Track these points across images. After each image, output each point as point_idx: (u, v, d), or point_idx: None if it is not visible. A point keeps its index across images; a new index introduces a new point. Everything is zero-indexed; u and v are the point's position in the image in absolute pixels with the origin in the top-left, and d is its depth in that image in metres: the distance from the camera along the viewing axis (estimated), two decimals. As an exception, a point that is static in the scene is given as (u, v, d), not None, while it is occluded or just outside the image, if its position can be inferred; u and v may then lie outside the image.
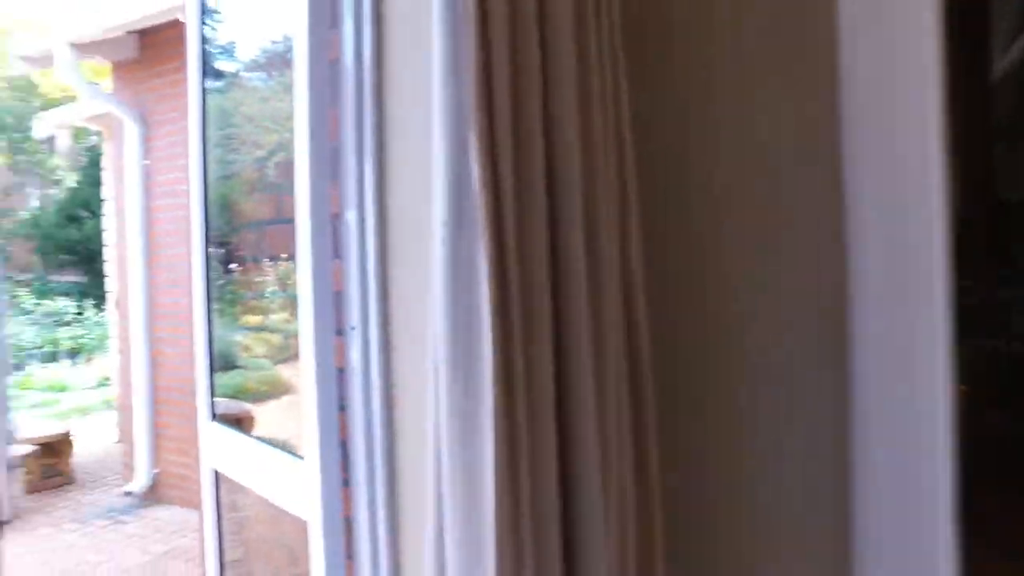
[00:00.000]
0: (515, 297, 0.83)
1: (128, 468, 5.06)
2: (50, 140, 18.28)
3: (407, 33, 1.10)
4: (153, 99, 4.86)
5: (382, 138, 1.12)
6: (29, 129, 17.35)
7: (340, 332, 1.15)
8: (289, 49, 2.05)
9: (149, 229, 4.84)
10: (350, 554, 1.19)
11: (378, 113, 1.13)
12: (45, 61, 5.09)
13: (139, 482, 4.85)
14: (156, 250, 4.82)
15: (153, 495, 4.91)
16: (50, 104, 16.35)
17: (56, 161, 18.22)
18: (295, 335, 2.15)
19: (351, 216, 1.13)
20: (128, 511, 4.73)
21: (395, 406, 1.12)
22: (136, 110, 4.87)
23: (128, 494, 4.90)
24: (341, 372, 1.15)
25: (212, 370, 1.66)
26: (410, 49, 1.09)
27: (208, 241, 1.69)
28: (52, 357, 10.64)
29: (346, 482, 1.16)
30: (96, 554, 3.99)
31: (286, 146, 2.11)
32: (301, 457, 1.20)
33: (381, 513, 1.14)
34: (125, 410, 5.12)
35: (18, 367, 9.96)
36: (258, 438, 1.41)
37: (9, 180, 17.96)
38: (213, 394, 1.66)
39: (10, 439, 2.95)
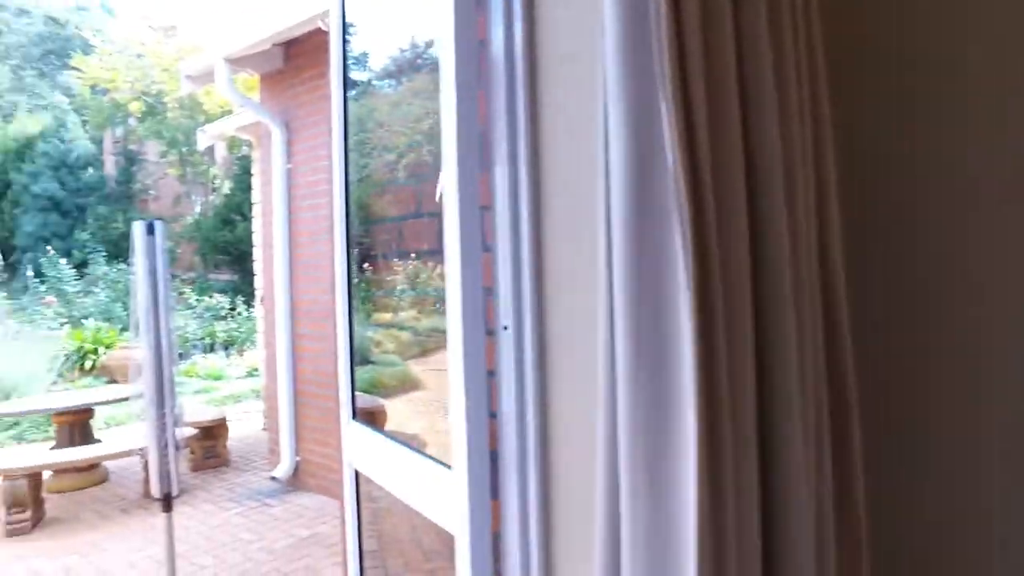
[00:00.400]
0: (718, 292, 0.69)
1: (274, 455, 5.39)
2: (210, 152, 20.20)
3: (564, 8, 1.00)
4: (295, 106, 5.13)
5: (536, 123, 1.02)
6: (194, 143, 19.29)
7: (490, 332, 1.06)
8: (417, 56, 2.01)
9: (291, 229, 5.11)
10: (499, 571, 1.10)
11: (531, 96, 1.03)
12: (206, 78, 5.52)
13: (283, 469, 5.14)
14: (297, 249, 5.09)
15: (295, 482, 5.19)
16: (211, 119, 18.05)
17: (214, 171, 20.10)
18: (424, 332, 2.13)
19: (503, 206, 1.04)
20: (274, 495, 5.03)
21: (550, 414, 1.02)
22: (281, 117, 5.16)
23: (274, 479, 5.21)
24: (491, 375, 1.06)
25: (353, 372, 1.65)
26: (568, 26, 0.98)
27: (349, 244, 1.68)
28: (210, 348, 11.68)
29: (495, 494, 1.08)
30: (248, 533, 4.26)
31: (415, 148, 2.10)
32: (447, 465, 1.14)
33: (534, 529, 1.04)
34: (271, 400, 5.46)
35: (184, 356, 11.05)
36: (402, 441, 1.36)
37: (179, 190, 20.06)
38: (354, 395, 1.65)
39: (179, 422, 3.18)
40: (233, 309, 12.38)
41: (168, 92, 18.53)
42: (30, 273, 13.22)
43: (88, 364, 9.86)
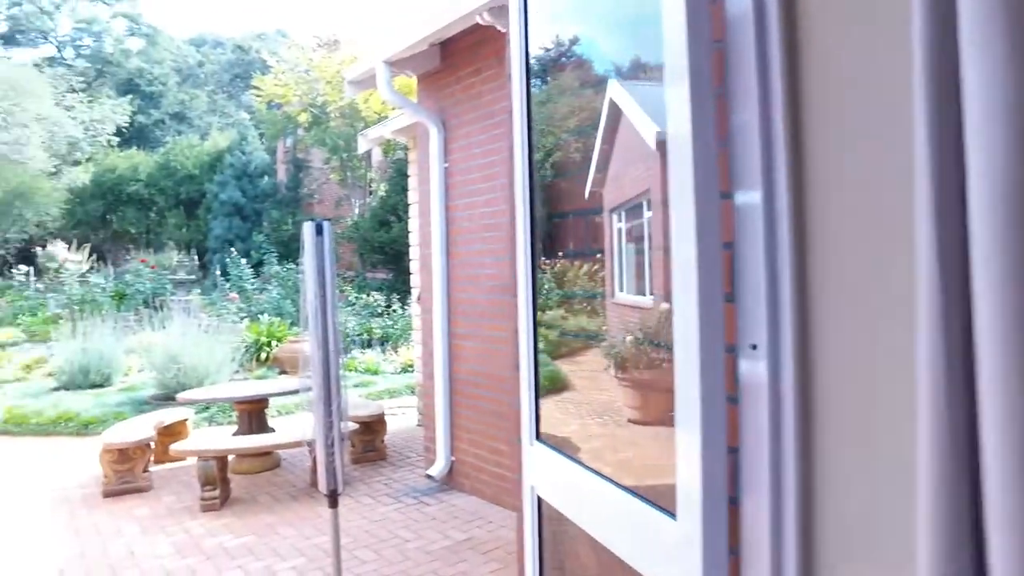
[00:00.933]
0: None
1: (429, 452, 5.47)
2: (367, 156, 21.54)
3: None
4: (451, 104, 5.16)
5: (796, 94, 0.79)
6: (354, 149, 20.67)
7: (731, 349, 0.85)
8: (561, 54, 1.84)
9: (448, 228, 5.15)
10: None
11: (788, 56, 0.80)
12: (367, 82, 5.73)
13: (438, 468, 5.20)
14: (454, 247, 5.12)
15: (450, 481, 5.24)
16: (368, 125, 19.22)
17: (371, 174, 21.40)
18: (571, 332, 1.95)
19: (750, 197, 0.82)
20: (429, 493, 5.10)
21: (817, 453, 0.79)
22: (437, 116, 5.22)
23: (429, 477, 5.29)
24: (733, 402, 0.85)
25: (538, 389, 1.49)
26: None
27: (535, 253, 1.53)
28: (367, 344, 12.34)
29: (734, 551, 0.86)
30: (406, 531, 4.33)
31: (561, 146, 1.94)
32: (668, 512, 0.94)
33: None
34: (427, 398, 5.55)
35: (345, 351, 11.81)
36: (607, 477, 1.17)
37: (339, 193, 21.61)
38: (539, 414, 1.49)
39: (343, 416, 3.25)
40: (389, 306, 13.00)
41: (331, 102, 19.94)
42: (218, 272, 14.80)
43: (263, 356, 10.80)
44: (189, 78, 45.86)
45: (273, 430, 5.94)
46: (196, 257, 21.14)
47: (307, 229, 3.14)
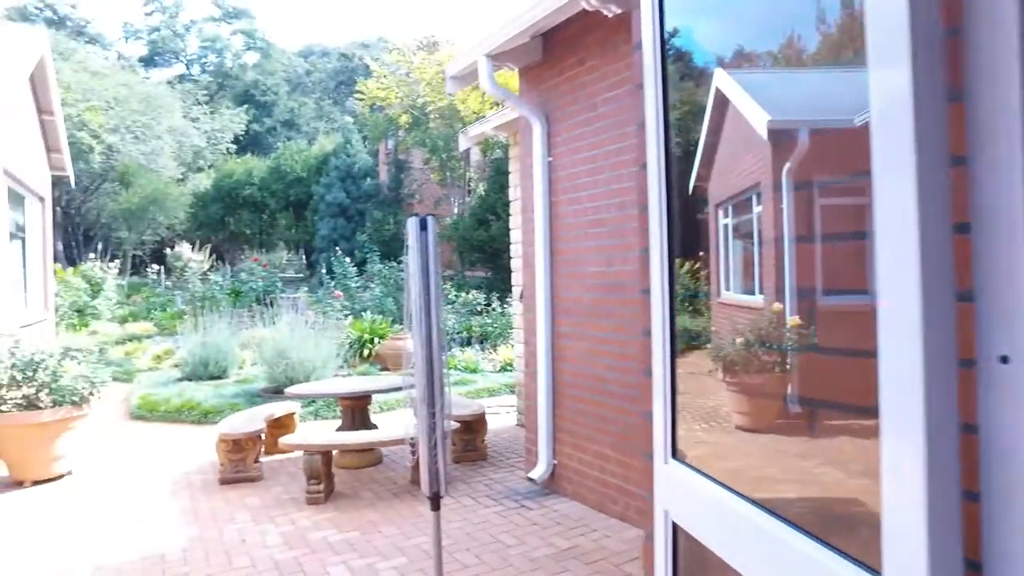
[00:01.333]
0: None
1: (530, 455, 5.36)
2: (466, 156, 21.87)
3: None
4: (554, 97, 5.02)
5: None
6: (453, 149, 21.05)
7: (969, 363, 0.65)
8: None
9: (551, 224, 5.01)
10: None
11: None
12: (468, 77, 5.69)
13: (540, 471, 5.07)
14: (558, 244, 4.97)
15: (551, 485, 5.10)
16: (466, 124, 19.47)
17: (470, 174, 21.71)
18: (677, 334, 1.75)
19: (1004, 153, 0.61)
20: (530, 497, 4.98)
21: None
22: (540, 110, 5.09)
23: (530, 480, 5.17)
24: (969, 431, 0.65)
25: (675, 400, 1.30)
26: None
27: (671, 251, 1.34)
28: (467, 342, 12.45)
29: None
30: (508, 536, 4.23)
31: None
32: (869, 569, 0.74)
33: None
34: (529, 399, 5.44)
35: (448, 348, 11.95)
36: (774, 512, 0.97)
37: (439, 193, 22.08)
38: (675, 429, 1.30)
39: (446, 416, 3.18)
40: (488, 305, 13.06)
41: (431, 103, 20.37)
42: (324, 271, 15.43)
43: (365, 352, 11.12)
44: (298, 87, 48.51)
45: (376, 427, 6.03)
46: (304, 256, 22.23)
47: (411, 225, 3.09)
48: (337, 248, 16.95)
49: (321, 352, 8.70)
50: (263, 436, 5.53)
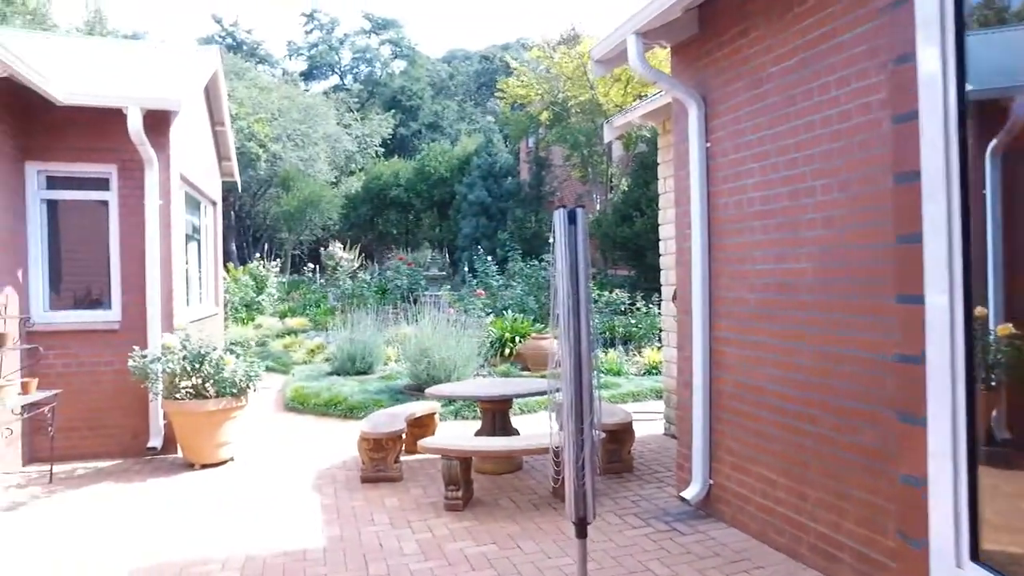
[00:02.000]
0: None
1: (682, 471, 4.90)
2: (608, 151, 21.38)
3: None
4: (713, 74, 4.52)
5: None
6: (595, 144, 20.67)
7: None
8: None
9: (709, 217, 4.52)
10: None
11: None
12: (615, 60, 5.31)
13: (693, 490, 4.60)
14: (717, 239, 4.47)
15: (706, 507, 4.61)
16: (608, 117, 19.03)
17: (612, 169, 21.20)
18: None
19: None
20: (682, 519, 4.53)
21: None
22: (696, 90, 4.61)
23: (682, 499, 4.72)
24: None
25: (975, 472, 0.87)
26: None
27: (967, 230, 0.95)
28: (610, 343, 12.03)
29: None
30: (660, 565, 3.83)
31: None
32: None
33: None
34: (680, 408, 4.98)
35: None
36: None
37: (580, 190, 21.81)
38: (977, 516, 0.88)
39: (595, 429, 2.87)
40: (632, 304, 12.56)
41: (572, 98, 20.10)
42: (466, 269, 15.68)
43: (506, 351, 11.06)
44: (442, 91, 50.35)
45: (517, 431, 5.83)
46: (447, 255, 22.86)
47: (558, 218, 2.80)
48: (479, 247, 17.16)
49: (462, 351, 8.71)
50: (403, 436, 5.52)
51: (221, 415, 5.89)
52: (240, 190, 25.41)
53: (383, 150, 33.95)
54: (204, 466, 5.96)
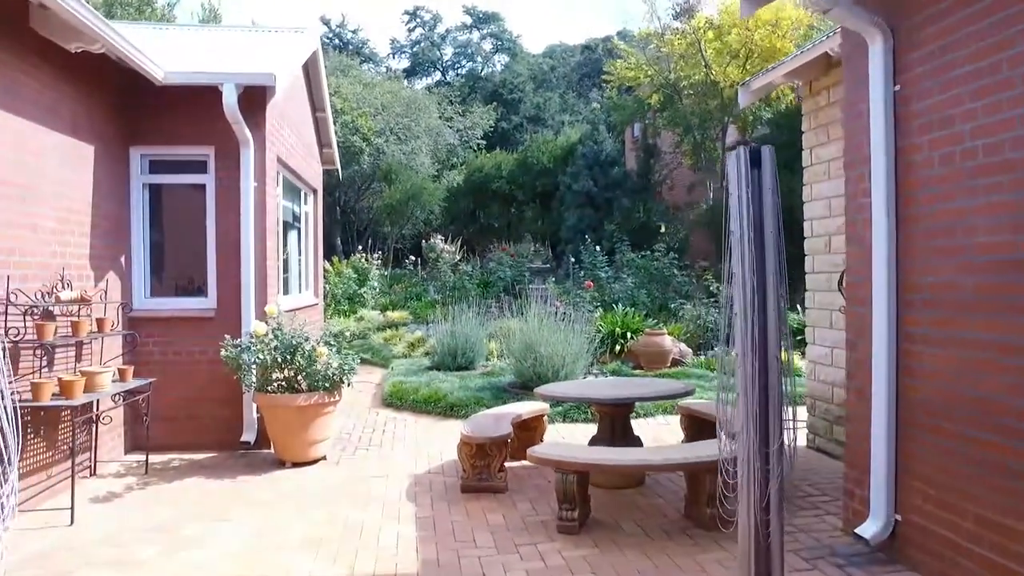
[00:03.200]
0: None
1: (852, 499, 3.96)
2: (721, 135, 19.99)
3: None
4: (904, -1, 3.55)
5: None
6: (708, 128, 19.37)
7: None
8: None
9: (899, 179, 3.56)
10: None
11: None
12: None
13: (873, 527, 3.66)
14: (912, 207, 3.51)
15: (891, 549, 3.66)
16: (725, 99, 17.61)
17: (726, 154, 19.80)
18: None
19: None
20: (858, 563, 3.61)
21: None
22: (879, 18, 3.65)
23: (857, 537, 3.78)
24: None
25: None
26: None
27: None
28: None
29: None
30: (841, 628, 2.96)
31: None
32: None
33: None
34: (853, 424, 4.04)
35: (702, 348, 10.65)
36: None
37: (692, 178, 20.51)
38: None
39: (787, 462, 2.08)
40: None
41: (684, 78, 18.88)
42: (571, 260, 14.96)
43: (616, 348, 10.25)
44: (543, 83, 49.79)
45: (639, 440, 5.07)
46: (550, 248, 22.22)
47: (733, 162, 2.03)
48: (585, 238, 16.33)
49: (572, 347, 8.01)
50: (509, 442, 4.89)
51: (313, 410, 5.49)
52: (342, 181, 25.97)
53: (484, 143, 33.80)
54: (295, 464, 5.60)
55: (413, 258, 19.73)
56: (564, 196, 23.05)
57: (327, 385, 5.50)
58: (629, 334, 10.57)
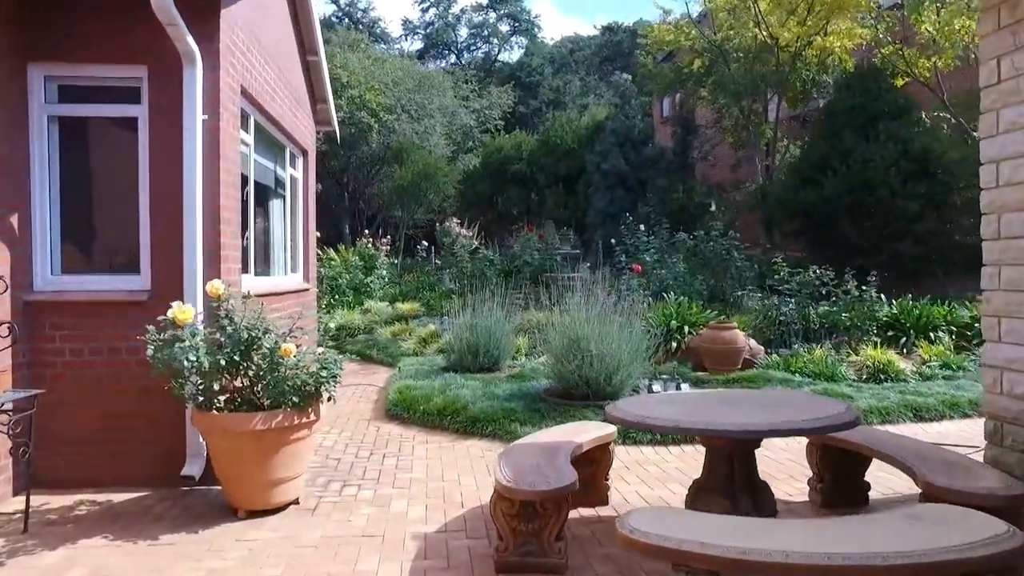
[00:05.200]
0: None
1: None
2: (763, 109, 18.07)
3: None
4: None
5: None
6: (755, 101, 17.48)
7: None
8: None
9: None
10: None
11: None
12: None
13: None
14: None
15: None
16: (781, 62, 15.58)
17: (771, 129, 17.90)
18: None
19: None
20: None
21: None
22: None
23: None
24: None
25: None
26: None
27: None
28: (800, 335, 9.17)
29: None
30: None
31: None
32: None
33: None
34: None
35: (772, 345, 8.86)
36: None
37: (736, 155, 18.61)
38: None
39: None
40: (837, 285, 9.58)
41: (731, 38, 16.97)
42: (607, 245, 13.15)
43: (673, 345, 8.50)
44: (563, 67, 47.88)
45: (766, 487, 3.33)
46: (575, 234, 20.38)
47: None
48: (629, 216, 14.41)
49: (627, 344, 6.29)
50: (570, 498, 3.14)
51: (276, 437, 3.82)
52: (351, 165, 24.32)
53: (503, 124, 31.99)
54: (252, 513, 3.93)
55: (425, 243, 18.02)
56: (591, 178, 21.21)
57: (297, 399, 3.82)
58: (687, 328, 8.82)
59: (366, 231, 19.37)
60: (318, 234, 9.02)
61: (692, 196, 18.76)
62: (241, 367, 3.81)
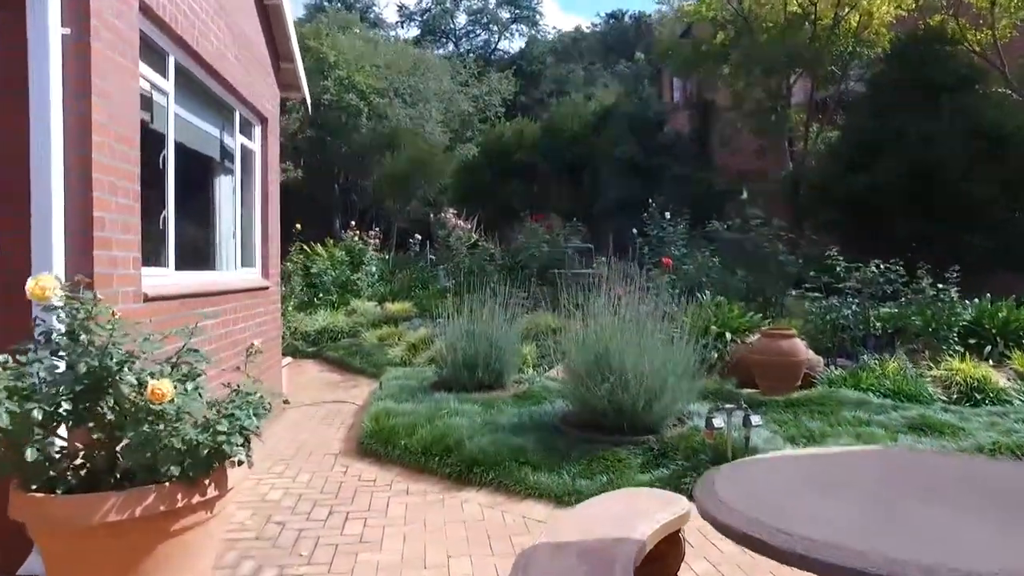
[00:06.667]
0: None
1: None
2: (787, 92, 16.61)
3: None
4: None
5: None
6: (784, 78, 16.04)
7: None
8: None
9: None
10: None
11: None
12: None
13: None
14: None
15: None
16: (819, 36, 14.05)
17: (798, 114, 16.43)
18: None
19: None
20: None
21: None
22: None
23: None
24: None
25: None
26: None
27: None
28: (860, 342, 7.72)
29: None
30: None
31: None
32: None
33: None
34: None
35: (833, 354, 7.42)
36: None
37: (759, 141, 17.13)
38: None
39: None
40: (908, 284, 8.11)
41: (758, 7, 15.46)
42: (631, 236, 11.65)
43: (713, 355, 7.04)
44: (565, 57, 46.40)
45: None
46: (582, 226, 18.85)
47: None
48: (652, 202, 12.88)
49: (670, 360, 4.85)
50: None
51: (144, 532, 2.36)
52: (341, 156, 22.77)
53: (503, 111, 30.46)
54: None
55: (419, 237, 16.54)
56: (600, 166, 19.71)
57: (179, 469, 2.36)
58: (729, 335, 7.39)
59: (352, 222, 17.86)
60: (298, 227, 7.65)
61: (712, 184, 17.28)
62: (85, 414, 2.35)
